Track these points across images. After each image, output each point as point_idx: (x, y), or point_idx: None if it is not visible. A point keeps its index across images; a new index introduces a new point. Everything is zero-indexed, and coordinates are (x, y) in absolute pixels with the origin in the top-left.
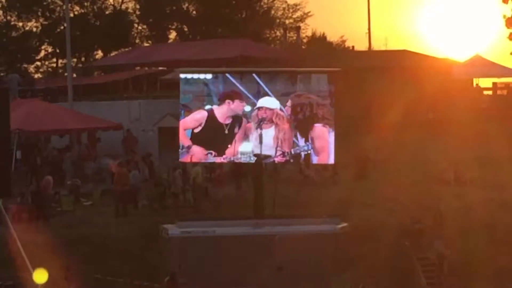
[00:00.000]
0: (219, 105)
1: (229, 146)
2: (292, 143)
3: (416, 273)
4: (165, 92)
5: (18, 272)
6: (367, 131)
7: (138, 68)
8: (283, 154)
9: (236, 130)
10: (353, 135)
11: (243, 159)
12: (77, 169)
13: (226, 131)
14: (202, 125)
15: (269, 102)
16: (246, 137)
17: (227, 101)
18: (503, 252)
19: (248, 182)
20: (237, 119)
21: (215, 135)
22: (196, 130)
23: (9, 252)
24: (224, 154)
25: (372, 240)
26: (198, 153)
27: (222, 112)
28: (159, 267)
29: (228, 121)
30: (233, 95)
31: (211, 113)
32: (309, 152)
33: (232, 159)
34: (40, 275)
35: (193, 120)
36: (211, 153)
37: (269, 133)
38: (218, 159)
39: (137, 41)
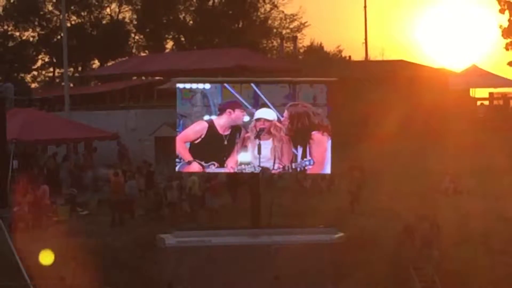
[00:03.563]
0: (219, 115)
1: (229, 157)
2: (291, 155)
3: (412, 282)
4: (161, 102)
5: (14, 281)
6: (363, 141)
7: (134, 77)
8: (283, 168)
9: (236, 140)
10: (349, 145)
11: (248, 170)
12: (74, 179)
13: (226, 142)
14: (203, 136)
15: (267, 113)
16: (245, 147)
17: (228, 110)
18: (500, 262)
19: (245, 192)
20: (236, 130)
21: (214, 146)
22: (196, 142)
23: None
24: (225, 165)
25: (369, 249)
26: (197, 168)
27: (222, 122)
28: (155, 276)
29: (227, 132)
30: (233, 105)
31: (211, 123)
32: (309, 167)
33: (235, 169)
34: (46, 256)
35: (193, 132)
36: (214, 164)
37: (267, 144)
38: (221, 170)
39: (134, 50)
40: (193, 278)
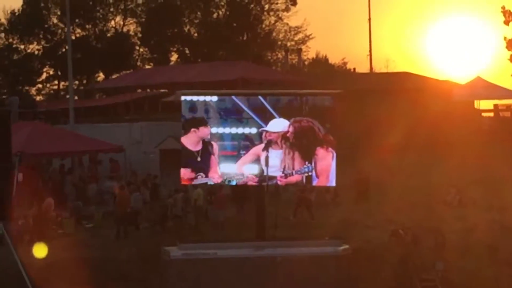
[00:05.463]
0: (184, 133)
1: (208, 171)
2: (295, 166)
3: None
4: (166, 114)
5: None
6: (368, 153)
7: (139, 90)
8: (285, 176)
9: (210, 153)
10: (354, 157)
11: (250, 182)
12: (79, 192)
13: (199, 158)
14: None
15: (275, 124)
16: (249, 159)
17: (192, 130)
18: (505, 274)
19: (250, 204)
20: (207, 144)
21: (191, 162)
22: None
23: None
24: (209, 176)
25: (374, 261)
26: (186, 175)
27: (189, 140)
28: None
29: (199, 147)
30: (197, 122)
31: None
32: (310, 174)
33: (221, 180)
34: (40, 250)
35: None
36: (201, 175)
37: (274, 155)
38: (206, 180)
39: (138, 63)
40: None
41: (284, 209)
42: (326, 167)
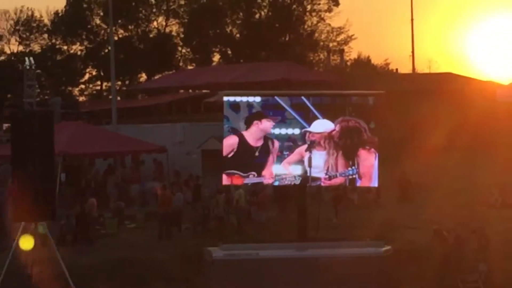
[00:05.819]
0: (247, 128)
1: (263, 168)
2: (339, 167)
3: None
4: (208, 115)
5: None
6: (411, 154)
7: (181, 91)
8: (329, 177)
9: (269, 151)
10: (397, 157)
11: (293, 182)
12: (121, 192)
13: (257, 153)
14: (234, 150)
15: (318, 125)
16: (293, 159)
17: (255, 122)
18: None
19: (292, 205)
20: (268, 140)
21: (247, 159)
22: (229, 156)
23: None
24: (262, 175)
25: (416, 263)
26: (238, 179)
27: (251, 134)
28: None
29: (259, 143)
30: (259, 115)
31: (240, 136)
32: (354, 176)
33: (273, 180)
34: (26, 242)
35: (226, 146)
36: (253, 174)
37: (317, 156)
38: (259, 180)
39: (180, 64)
40: None
41: (326, 210)
42: (369, 167)
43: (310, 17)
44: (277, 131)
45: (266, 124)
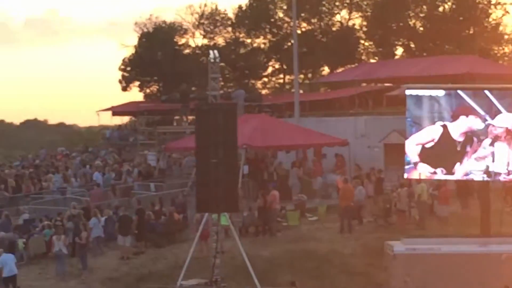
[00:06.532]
0: (452, 120)
1: (458, 163)
2: None
3: None
4: (390, 109)
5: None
6: None
7: (364, 84)
8: (508, 172)
9: (468, 147)
10: None
11: (477, 177)
12: (303, 185)
13: (459, 148)
14: (435, 140)
15: (501, 119)
16: (476, 155)
17: (461, 116)
18: None
19: (475, 200)
20: (469, 136)
21: (446, 151)
22: (427, 146)
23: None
24: (453, 171)
25: None
26: (424, 171)
27: (456, 128)
28: (383, 284)
29: (461, 138)
30: (466, 111)
31: (445, 128)
32: None
33: (463, 177)
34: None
35: (427, 134)
36: (442, 170)
37: (500, 151)
38: (447, 177)
39: (363, 57)
40: (422, 286)
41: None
42: None
43: (495, 10)
44: (460, 124)
45: (472, 120)
